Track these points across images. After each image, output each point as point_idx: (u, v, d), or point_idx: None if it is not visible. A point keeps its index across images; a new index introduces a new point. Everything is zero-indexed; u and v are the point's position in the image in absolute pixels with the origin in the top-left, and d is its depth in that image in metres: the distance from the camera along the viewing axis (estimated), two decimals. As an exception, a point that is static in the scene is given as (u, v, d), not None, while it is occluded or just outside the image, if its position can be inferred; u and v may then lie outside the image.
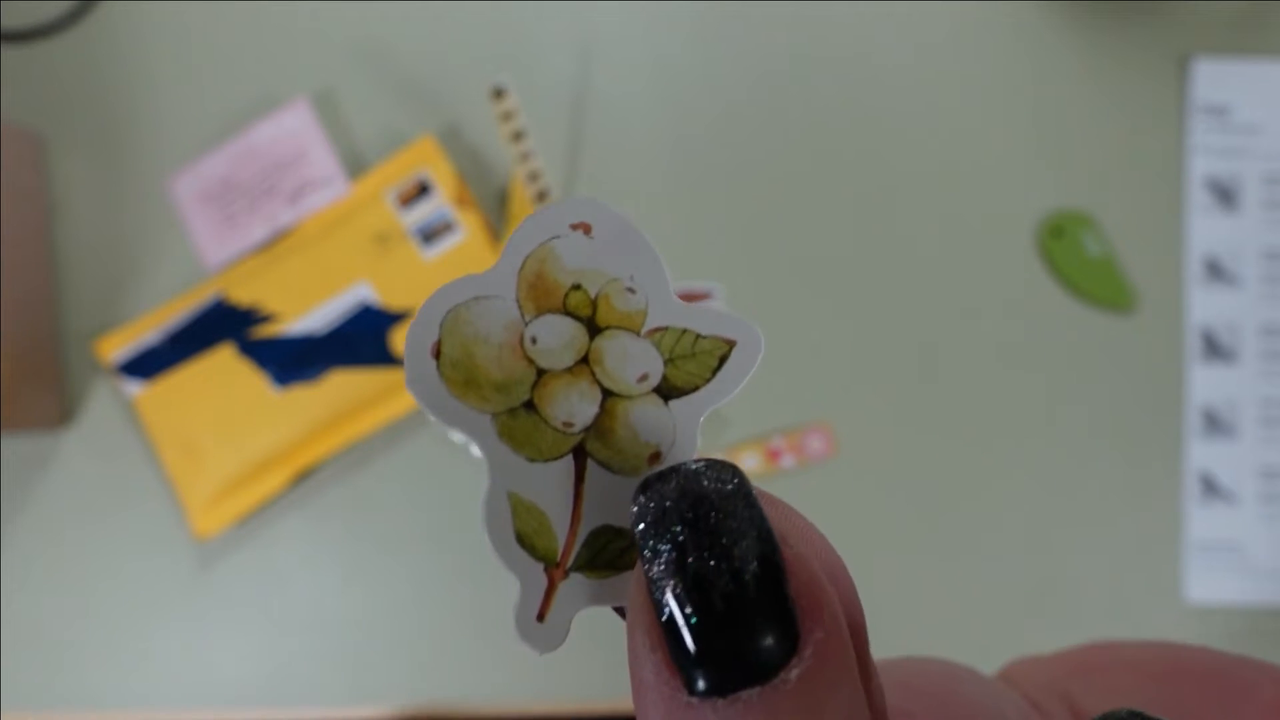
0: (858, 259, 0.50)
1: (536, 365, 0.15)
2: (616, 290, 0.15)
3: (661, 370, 0.15)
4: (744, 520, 0.13)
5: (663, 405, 0.15)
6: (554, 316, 0.15)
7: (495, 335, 0.15)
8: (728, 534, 0.12)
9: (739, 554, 0.12)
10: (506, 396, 0.15)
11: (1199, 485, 0.49)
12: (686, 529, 0.12)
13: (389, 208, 0.48)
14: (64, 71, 0.51)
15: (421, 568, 0.49)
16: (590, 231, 0.15)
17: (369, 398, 0.48)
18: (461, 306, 0.15)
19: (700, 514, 0.13)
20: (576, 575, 0.15)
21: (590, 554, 0.15)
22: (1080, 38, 0.51)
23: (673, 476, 0.13)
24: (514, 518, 0.15)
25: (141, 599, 0.49)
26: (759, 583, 0.12)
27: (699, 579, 0.12)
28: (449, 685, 0.48)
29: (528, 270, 0.15)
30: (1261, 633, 0.48)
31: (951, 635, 0.48)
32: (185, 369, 0.48)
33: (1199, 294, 0.50)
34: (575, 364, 0.15)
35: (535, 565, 0.15)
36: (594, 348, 0.15)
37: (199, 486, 0.48)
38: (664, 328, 0.16)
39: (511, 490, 0.15)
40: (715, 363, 0.16)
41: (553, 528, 0.15)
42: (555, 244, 0.15)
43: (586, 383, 0.15)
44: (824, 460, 0.49)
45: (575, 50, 0.51)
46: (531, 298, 0.15)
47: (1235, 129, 0.50)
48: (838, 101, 0.51)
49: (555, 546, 0.15)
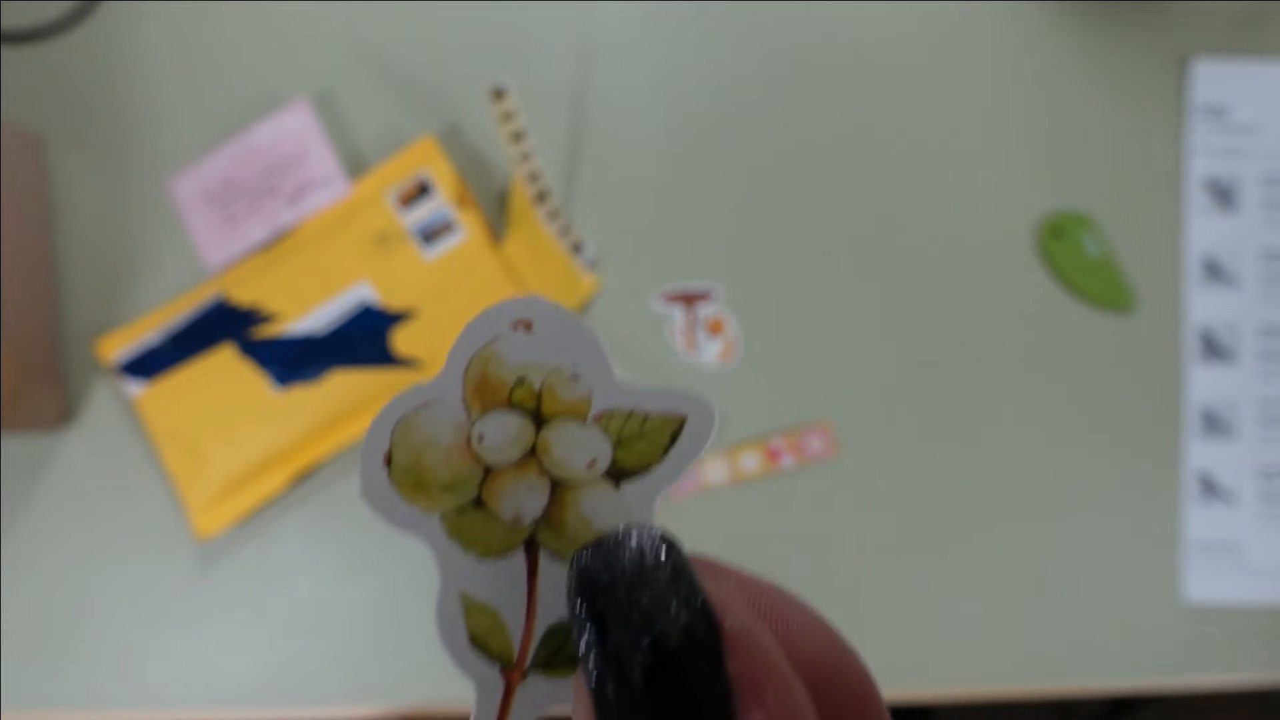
0: (857, 259, 0.50)
1: (485, 462, 0.15)
2: (560, 380, 0.16)
3: (610, 454, 0.15)
4: (668, 590, 0.12)
5: (615, 490, 0.15)
6: (500, 413, 0.15)
7: (444, 438, 0.15)
8: (648, 605, 0.12)
9: (660, 626, 0.12)
10: (455, 495, 0.15)
11: (1198, 485, 0.49)
12: (606, 602, 0.12)
13: (389, 208, 0.48)
14: (64, 71, 0.51)
15: (421, 568, 0.49)
16: (530, 328, 0.16)
17: (369, 398, 0.48)
18: (411, 414, 0.15)
19: (621, 585, 0.12)
20: (535, 676, 0.15)
21: (548, 652, 0.15)
22: (1080, 38, 0.51)
23: (599, 548, 0.13)
24: (466, 619, 0.15)
25: (142, 599, 0.49)
26: (684, 657, 0.11)
27: (617, 652, 0.12)
28: (449, 685, 0.48)
29: (472, 372, 0.15)
30: (1260, 633, 0.48)
31: (951, 635, 0.48)
32: (186, 369, 0.48)
33: (1198, 294, 0.50)
34: (523, 457, 0.15)
35: (491, 668, 0.15)
36: (541, 439, 0.15)
37: (199, 486, 0.48)
38: (611, 411, 0.16)
39: (463, 590, 0.15)
40: (666, 440, 0.16)
41: (507, 627, 0.15)
42: (497, 344, 0.16)
43: (534, 475, 0.15)
44: (824, 460, 0.49)
45: (575, 50, 0.51)
46: (477, 398, 0.15)
47: (1234, 129, 0.50)
48: (838, 101, 0.51)
49: (511, 647, 0.15)
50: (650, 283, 0.50)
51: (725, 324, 0.49)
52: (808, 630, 0.14)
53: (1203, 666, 0.48)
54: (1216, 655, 0.48)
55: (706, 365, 0.49)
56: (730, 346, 0.49)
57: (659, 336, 0.49)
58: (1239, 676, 0.48)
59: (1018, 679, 0.48)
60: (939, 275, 0.50)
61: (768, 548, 0.48)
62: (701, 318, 0.49)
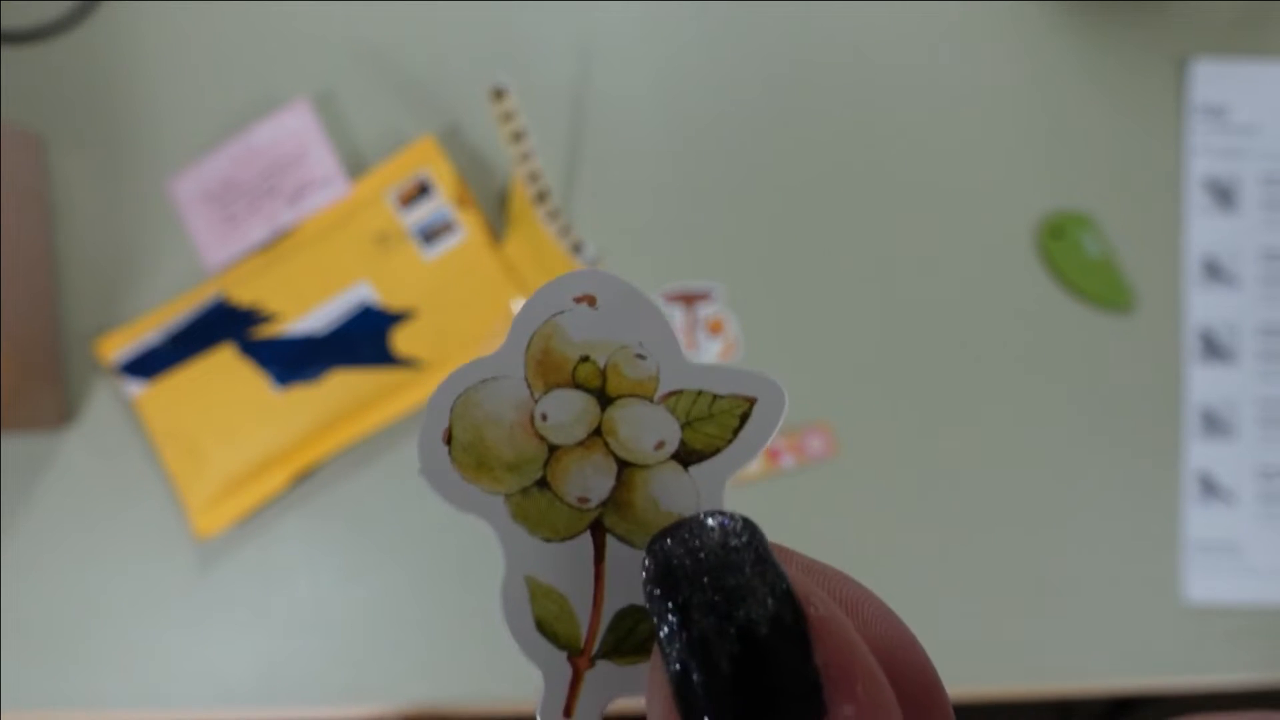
0: (858, 258, 0.50)
1: (548, 442, 0.15)
2: (625, 358, 0.15)
3: (679, 435, 0.15)
4: (753, 576, 0.12)
5: (683, 472, 0.15)
6: (563, 391, 0.15)
7: (505, 415, 0.15)
8: (734, 592, 0.11)
9: (746, 613, 0.11)
10: (519, 476, 0.15)
11: (1198, 485, 0.49)
12: (690, 589, 0.12)
13: (389, 208, 0.48)
14: (64, 71, 0.51)
15: (421, 568, 0.49)
16: (595, 303, 0.15)
17: (369, 398, 0.48)
18: (471, 390, 0.15)
19: (705, 570, 0.12)
20: (603, 663, 0.14)
21: (616, 639, 0.14)
22: (1080, 38, 0.51)
23: (678, 533, 0.13)
24: (533, 603, 0.15)
25: (142, 599, 0.49)
26: (772, 644, 0.11)
27: (703, 640, 0.11)
28: (449, 685, 0.48)
29: (534, 348, 0.15)
30: (1260, 633, 0.48)
31: (951, 635, 0.48)
32: (186, 369, 0.48)
33: (1198, 294, 0.50)
34: (588, 437, 0.15)
35: (558, 654, 0.14)
36: (606, 419, 0.15)
37: (199, 486, 0.48)
38: (678, 391, 0.15)
39: (529, 574, 0.15)
40: (736, 422, 0.15)
41: (575, 612, 0.15)
42: (560, 319, 0.15)
43: (600, 455, 0.15)
44: (824, 460, 0.49)
45: (575, 50, 0.51)
46: (540, 374, 0.15)
47: (1234, 129, 0.50)
48: (838, 101, 0.51)
49: (578, 633, 0.14)
50: (650, 283, 0.50)
51: (725, 324, 0.49)
52: (878, 618, 0.13)
53: (1203, 666, 0.48)
54: (1216, 655, 0.48)
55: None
56: (730, 346, 0.49)
57: (659, 336, 0.49)
58: (1239, 676, 0.48)
59: (1018, 679, 0.48)
60: (939, 275, 0.50)
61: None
62: (701, 318, 0.49)
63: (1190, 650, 0.48)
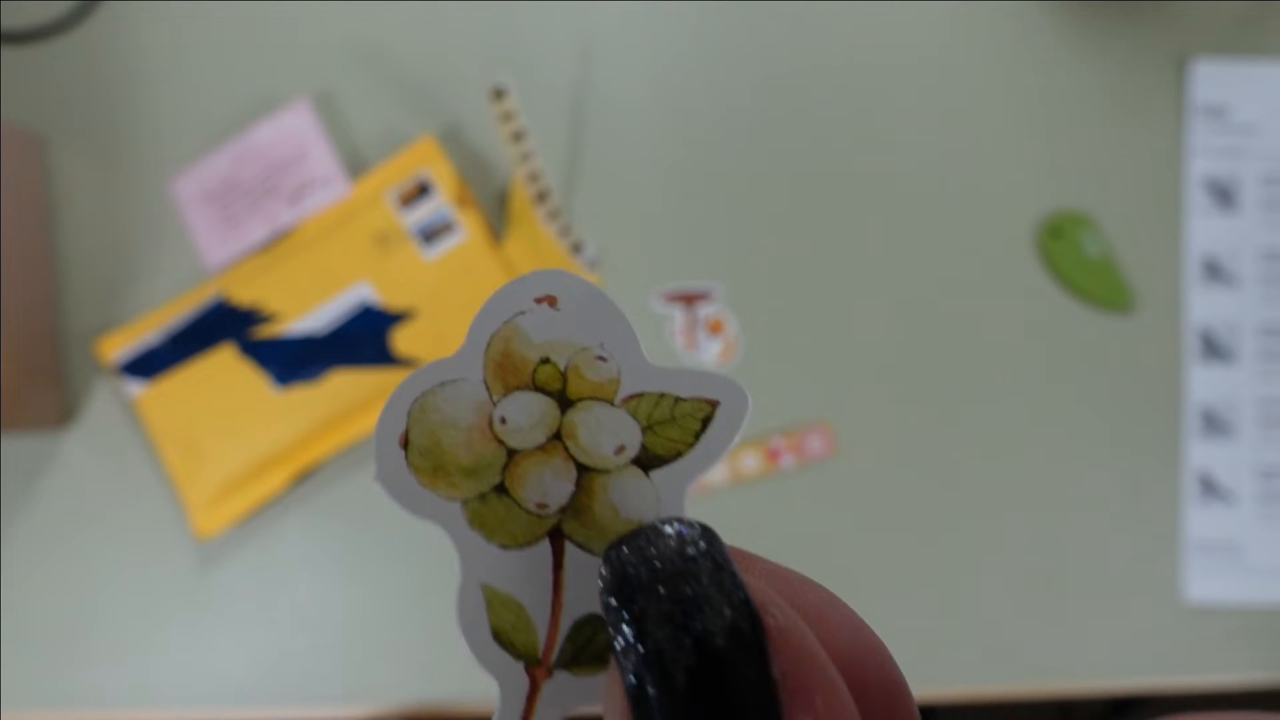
0: (857, 259, 0.50)
1: (507, 446, 0.14)
2: (586, 360, 0.15)
3: (640, 439, 0.15)
4: (709, 586, 0.11)
5: (644, 477, 0.14)
6: (523, 394, 0.15)
7: (463, 419, 0.14)
8: (690, 602, 0.11)
9: (702, 624, 0.11)
10: (476, 481, 0.14)
11: (1198, 485, 0.49)
12: (645, 599, 0.11)
13: (389, 208, 0.48)
14: (64, 72, 0.51)
15: (422, 567, 0.49)
16: (555, 303, 0.15)
17: (369, 398, 0.48)
18: (428, 393, 0.15)
19: (661, 580, 0.12)
20: (561, 673, 0.14)
21: (575, 648, 0.14)
22: (1080, 38, 0.51)
23: (634, 541, 0.12)
24: (490, 612, 0.14)
25: (142, 599, 0.49)
26: (729, 656, 0.11)
27: (658, 652, 0.11)
28: (449, 685, 0.48)
29: (494, 349, 0.15)
30: (1259, 632, 0.48)
31: (951, 635, 0.48)
32: (186, 369, 0.48)
33: (1198, 294, 0.50)
34: (547, 441, 0.14)
35: (515, 665, 0.14)
36: (566, 422, 0.15)
37: (200, 486, 0.48)
38: (640, 394, 0.15)
39: (485, 582, 0.14)
40: (698, 426, 0.15)
41: (532, 621, 0.14)
42: (520, 320, 0.15)
43: (560, 459, 0.14)
44: (824, 460, 0.49)
45: (575, 50, 0.51)
46: (499, 377, 0.15)
47: (1234, 129, 0.50)
48: (838, 101, 0.51)
49: (536, 642, 0.14)
50: (650, 283, 0.50)
51: (725, 324, 0.49)
52: (842, 626, 0.13)
53: (1203, 666, 0.48)
54: (1216, 655, 0.48)
55: (706, 365, 0.49)
56: (730, 346, 0.49)
57: (659, 336, 0.49)
58: (1239, 676, 0.48)
59: (1018, 679, 0.48)
60: (939, 275, 0.50)
61: (767, 548, 0.48)
62: (701, 318, 0.49)
63: (1190, 650, 0.48)
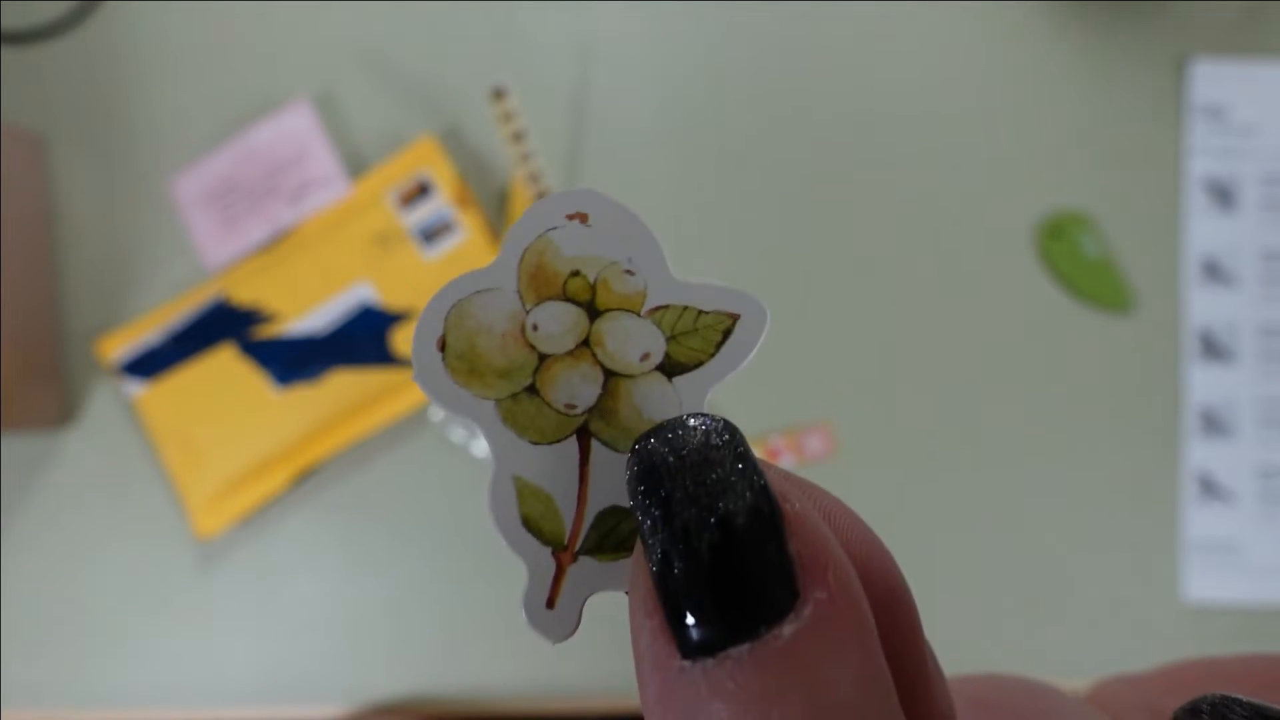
0: (857, 259, 0.50)
1: (538, 351, 0.15)
2: (615, 273, 0.16)
3: (664, 348, 0.16)
4: (733, 472, 0.12)
5: (667, 383, 0.15)
6: (554, 303, 0.15)
7: (498, 325, 0.15)
8: (714, 485, 0.12)
9: (726, 505, 0.12)
10: (509, 382, 0.15)
11: (1197, 485, 0.49)
12: (673, 483, 0.12)
13: (390, 208, 0.48)
14: (64, 72, 0.51)
15: (422, 567, 0.49)
16: (587, 220, 0.16)
17: (369, 398, 0.48)
18: (465, 300, 0.15)
19: (687, 467, 0.12)
20: (585, 559, 0.15)
21: (599, 536, 0.15)
22: (1080, 38, 0.51)
23: (662, 433, 0.13)
24: (519, 502, 0.15)
25: (142, 599, 0.49)
26: (749, 533, 0.12)
27: (685, 530, 0.12)
28: (450, 684, 0.48)
29: (527, 261, 0.16)
30: (1260, 632, 0.48)
31: (950, 635, 0.48)
32: (186, 369, 0.48)
33: (1197, 294, 0.50)
34: (576, 347, 0.15)
35: (543, 549, 0.15)
36: (594, 330, 0.15)
37: (200, 486, 0.48)
38: (665, 306, 0.16)
39: (516, 474, 0.15)
40: (719, 337, 0.16)
41: (559, 511, 0.15)
42: (553, 234, 0.16)
43: (588, 364, 0.15)
44: (824, 460, 0.49)
45: (575, 50, 0.51)
46: (532, 287, 0.15)
47: (1233, 129, 0.50)
48: (837, 101, 0.51)
49: (562, 530, 0.15)
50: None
51: (725, 324, 0.49)
52: (849, 525, 0.14)
53: (1202, 666, 0.48)
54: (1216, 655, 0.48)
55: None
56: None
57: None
58: (1238, 676, 0.48)
59: (1017, 679, 0.48)
60: (938, 275, 0.50)
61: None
62: (701, 318, 0.49)
63: (1190, 650, 0.48)
